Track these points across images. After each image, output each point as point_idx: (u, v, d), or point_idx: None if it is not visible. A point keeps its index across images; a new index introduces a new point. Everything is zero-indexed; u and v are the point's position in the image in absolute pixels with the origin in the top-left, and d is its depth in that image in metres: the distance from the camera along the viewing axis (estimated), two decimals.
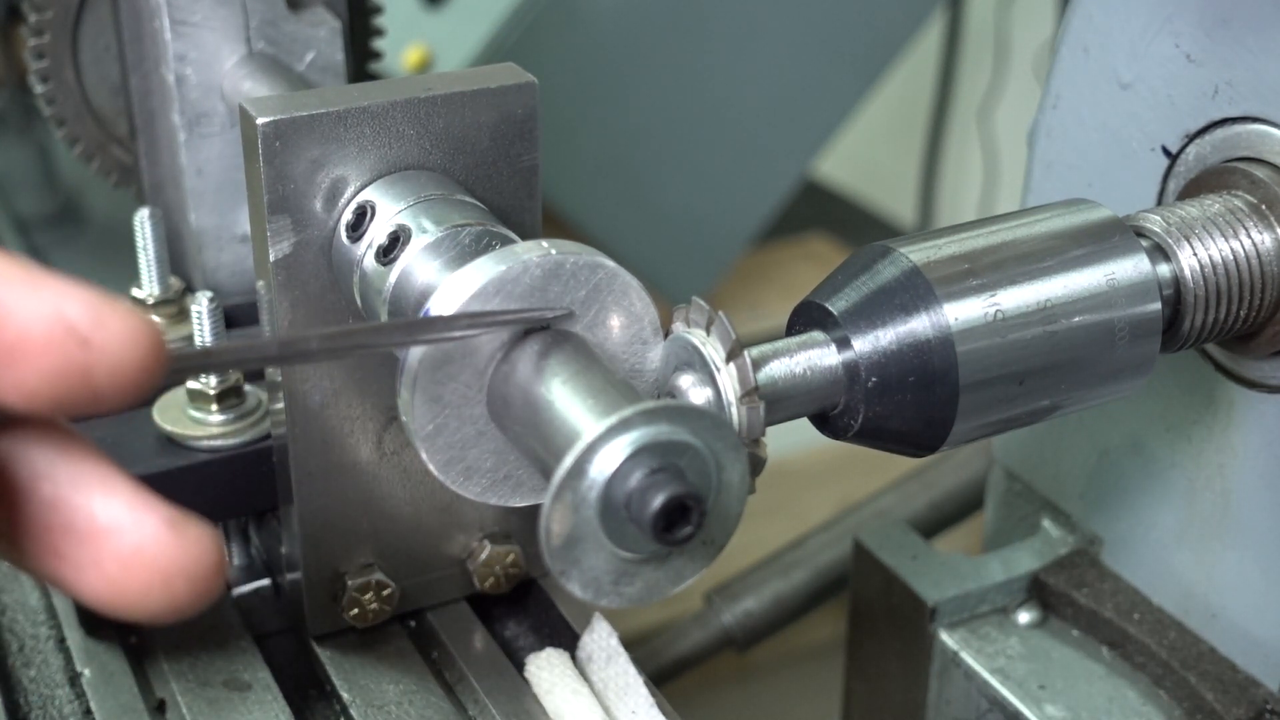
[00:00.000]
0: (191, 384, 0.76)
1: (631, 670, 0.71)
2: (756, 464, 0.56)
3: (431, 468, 0.56)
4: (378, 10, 0.94)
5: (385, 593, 0.74)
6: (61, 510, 0.45)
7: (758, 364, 0.56)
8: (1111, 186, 0.76)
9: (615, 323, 0.56)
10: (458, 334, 0.54)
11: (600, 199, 1.60)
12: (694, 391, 0.56)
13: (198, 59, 0.81)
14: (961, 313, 0.57)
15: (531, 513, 0.52)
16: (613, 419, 0.47)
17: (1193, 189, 0.70)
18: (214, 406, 0.75)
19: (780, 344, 0.57)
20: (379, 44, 0.95)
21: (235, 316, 0.81)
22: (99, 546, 0.44)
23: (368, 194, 0.64)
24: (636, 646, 0.76)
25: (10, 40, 1.54)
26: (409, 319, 0.54)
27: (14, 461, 0.45)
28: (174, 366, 0.45)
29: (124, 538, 0.44)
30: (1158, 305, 0.62)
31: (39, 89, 0.89)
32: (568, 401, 0.51)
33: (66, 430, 0.45)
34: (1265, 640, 0.74)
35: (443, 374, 0.54)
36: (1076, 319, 0.60)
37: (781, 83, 1.65)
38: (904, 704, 0.86)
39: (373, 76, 0.95)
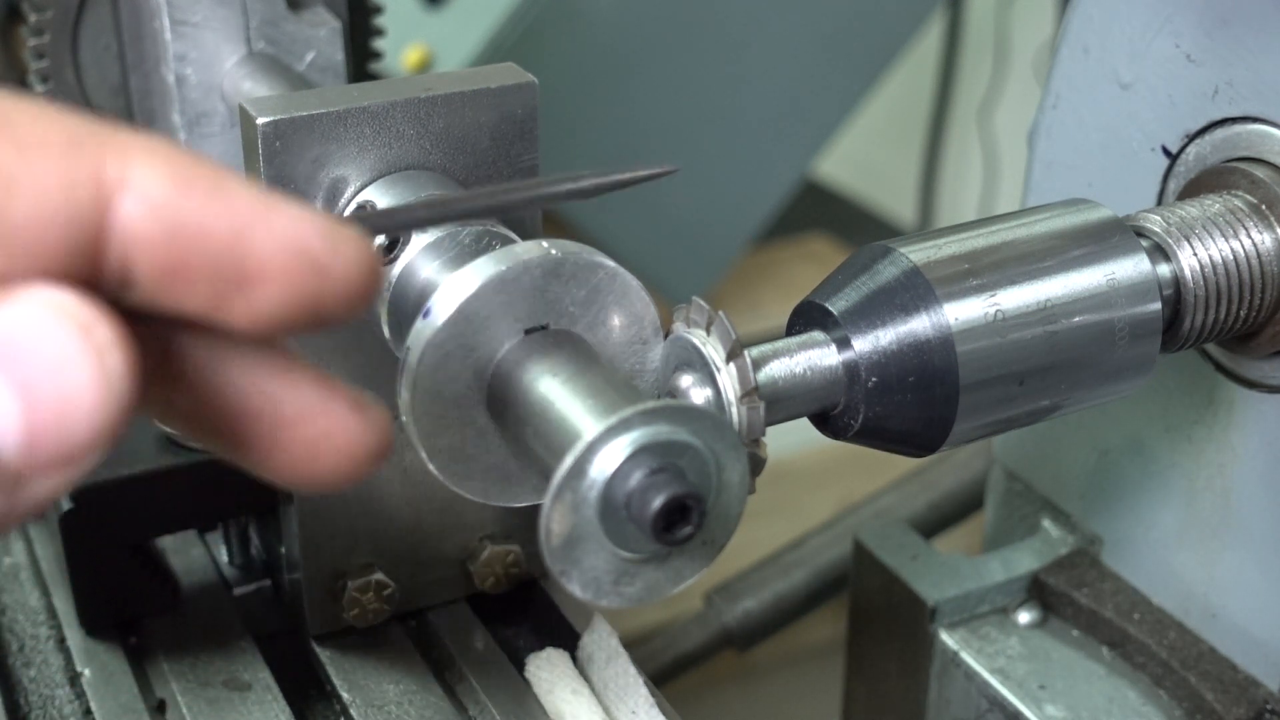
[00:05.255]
0: None
1: (631, 670, 0.71)
2: (756, 464, 0.55)
3: (431, 467, 0.56)
4: (378, 10, 0.94)
5: (385, 593, 0.74)
6: (248, 399, 0.44)
7: (758, 364, 0.56)
8: (1111, 186, 0.75)
9: (615, 323, 0.56)
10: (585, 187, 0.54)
11: (600, 199, 1.60)
12: (694, 391, 0.55)
13: (198, 59, 0.81)
14: (961, 313, 0.57)
15: (531, 513, 0.51)
16: (613, 419, 0.47)
17: (1193, 189, 0.70)
18: None
19: (780, 344, 0.57)
20: (379, 44, 0.95)
21: None
22: (286, 434, 0.44)
23: (368, 194, 0.64)
24: (636, 646, 0.76)
25: (10, 40, 1.54)
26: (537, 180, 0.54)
27: (199, 352, 0.43)
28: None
29: (311, 426, 0.44)
30: (1158, 305, 0.62)
31: (39, 89, 0.88)
32: (568, 401, 0.51)
33: None
34: (1265, 640, 0.74)
35: (443, 374, 0.54)
36: (1076, 319, 0.60)
37: (781, 83, 1.65)
38: (904, 704, 0.86)
39: (373, 76, 0.95)
